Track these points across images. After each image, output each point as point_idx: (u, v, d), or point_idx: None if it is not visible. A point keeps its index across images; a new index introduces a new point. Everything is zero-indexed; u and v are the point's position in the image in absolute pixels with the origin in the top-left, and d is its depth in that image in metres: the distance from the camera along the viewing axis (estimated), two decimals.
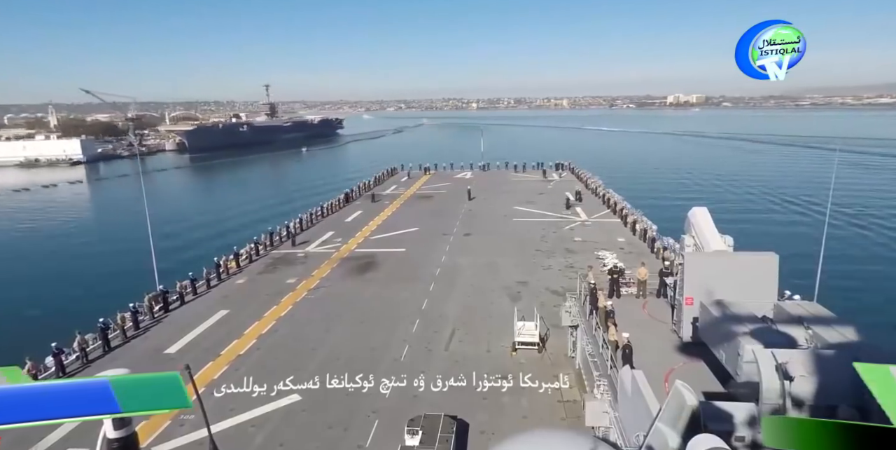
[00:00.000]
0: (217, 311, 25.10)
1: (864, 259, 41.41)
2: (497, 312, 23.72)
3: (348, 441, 15.22)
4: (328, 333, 22.21)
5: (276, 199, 71.25)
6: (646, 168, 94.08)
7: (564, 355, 20.37)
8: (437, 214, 43.94)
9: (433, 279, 28.56)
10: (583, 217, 41.45)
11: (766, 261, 14.88)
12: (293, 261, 32.76)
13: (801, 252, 29.67)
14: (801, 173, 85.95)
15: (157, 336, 22.98)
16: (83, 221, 66.44)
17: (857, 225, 51.29)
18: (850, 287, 33.09)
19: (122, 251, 46.62)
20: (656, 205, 50.64)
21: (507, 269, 29.76)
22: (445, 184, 59.11)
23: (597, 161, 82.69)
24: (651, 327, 17.60)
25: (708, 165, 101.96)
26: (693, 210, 17.83)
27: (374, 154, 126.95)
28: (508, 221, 41.19)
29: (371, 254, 33.43)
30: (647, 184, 75.01)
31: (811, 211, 55.09)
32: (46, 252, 50.58)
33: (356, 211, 46.11)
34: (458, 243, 35.57)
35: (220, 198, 79.86)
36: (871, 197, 64.81)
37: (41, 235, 58.08)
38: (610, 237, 35.25)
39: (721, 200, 61.63)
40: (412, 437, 13.92)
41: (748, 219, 53.17)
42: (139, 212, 31.41)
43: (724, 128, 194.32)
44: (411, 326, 22.80)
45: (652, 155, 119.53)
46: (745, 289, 14.07)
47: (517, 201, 48.03)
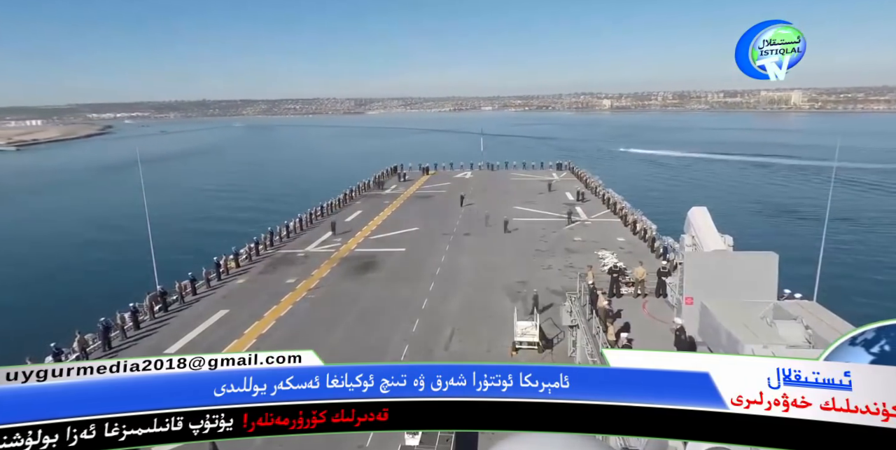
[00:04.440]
0: (217, 311, 25.10)
1: (865, 259, 41.42)
2: (497, 311, 23.72)
3: (348, 441, 15.22)
4: (328, 333, 22.23)
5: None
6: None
7: (565, 354, 20.40)
8: (437, 214, 43.95)
9: (433, 279, 28.57)
10: (583, 217, 41.45)
11: (766, 260, 14.89)
12: (293, 261, 32.76)
13: (801, 252, 29.69)
14: (801, 173, 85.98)
15: (156, 336, 22.99)
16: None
17: (858, 225, 51.30)
18: (850, 287, 33.11)
19: (122, 251, 46.69)
20: (656, 205, 50.69)
21: (506, 268, 29.75)
22: (446, 184, 59.12)
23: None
24: (651, 327, 17.62)
25: (708, 164, 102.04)
26: (693, 210, 17.84)
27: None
28: (508, 220, 41.16)
29: (371, 254, 33.44)
30: (648, 184, 75.14)
31: (811, 211, 55.05)
32: (46, 252, 50.59)
33: (356, 211, 46.17)
34: (458, 243, 35.57)
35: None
36: (872, 197, 64.86)
37: (43, 234, 58.13)
38: (610, 237, 35.24)
39: (721, 199, 61.61)
40: (412, 437, 13.93)
41: (748, 219, 53.23)
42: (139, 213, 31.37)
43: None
44: (411, 326, 22.80)
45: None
46: (745, 288, 14.10)
47: (517, 201, 48.06)
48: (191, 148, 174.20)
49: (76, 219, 66.63)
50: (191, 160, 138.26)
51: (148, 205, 29.68)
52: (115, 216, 63.73)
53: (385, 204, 48.99)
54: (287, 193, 77.21)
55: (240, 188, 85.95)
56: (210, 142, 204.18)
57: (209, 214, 65.87)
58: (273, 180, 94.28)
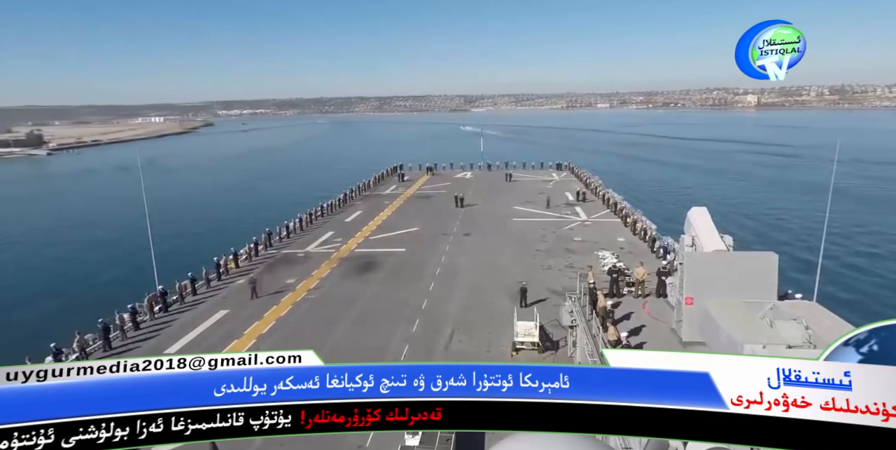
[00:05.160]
0: (217, 311, 25.10)
1: (865, 259, 41.42)
2: (497, 312, 23.72)
3: (348, 441, 15.22)
4: (328, 333, 22.23)
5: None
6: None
7: (565, 355, 20.38)
8: (437, 214, 43.96)
9: (433, 279, 28.57)
10: (583, 217, 41.45)
11: (766, 260, 14.91)
12: (293, 261, 32.76)
13: (801, 252, 29.72)
14: (802, 172, 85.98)
15: (156, 336, 22.98)
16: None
17: (858, 224, 51.29)
18: (850, 287, 33.13)
19: (122, 251, 46.70)
20: (656, 205, 50.71)
21: (507, 268, 29.75)
22: (446, 184, 59.11)
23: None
24: (651, 327, 17.63)
25: (708, 164, 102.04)
26: (693, 210, 17.85)
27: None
28: (508, 220, 41.20)
29: (371, 254, 33.44)
30: (648, 184, 75.14)
31: (811, 210, 55.07)
32: (46, 252, 50.60)
33: (356, 211, 46.17)
34: (458, 243, 35.57)
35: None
36: (872, 196, 64.86)
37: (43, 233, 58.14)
38: (610, 237, 35.24)
39: (721, 200, 61.63)
40: (412, 437, 13.94)
41: (748, 219, 53.26)
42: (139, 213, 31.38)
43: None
44: (411, 326, 22.80)
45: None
46: (745, 288, 14.10)
47: (517, 201, 48.08)
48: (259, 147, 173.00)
49: (75, 219, 66.65)
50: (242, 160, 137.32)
51: (158, 207, 29.69)
52: (115, 217, 63.78)
53: (385, 204, 48.97)
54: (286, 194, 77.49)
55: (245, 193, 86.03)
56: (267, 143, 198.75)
57: (209, 216, 65.91)
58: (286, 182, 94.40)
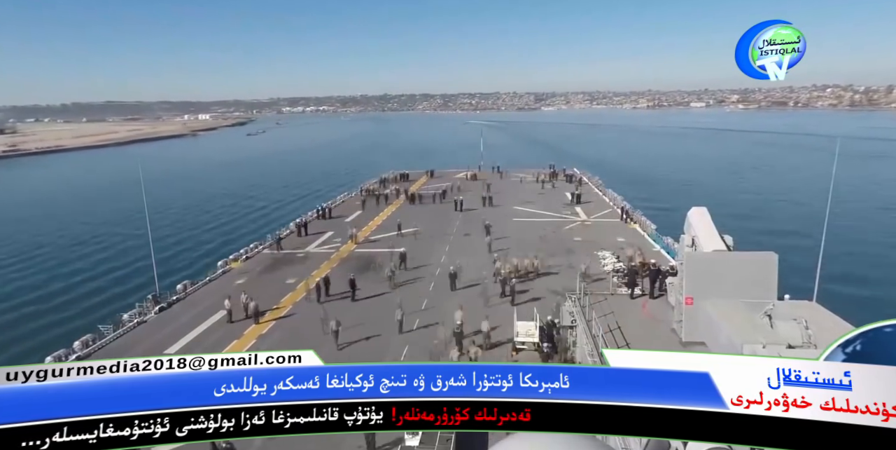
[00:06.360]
0: (217, 311, 25.09)
1: (865, 259, 41.40)
2: (497, 312, 23.69)
3: (348, 441, 15.21)
4: (328, 334, 22.21)
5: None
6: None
7: (565, 354, 20.36)
8: (437, 215, 43.92)
9: (433, 279, 28.54)
10: (583, 217, 41.44)
11: (766, 260, 14.88)
12: (293, 261, 32.74)
13: (801, 252, 29.71)
14: (801, 172, 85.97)
15: (157, 336, 22.97)
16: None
17: (858, 224, 51.28)
18: (850, 287, 33.10)
19: (122, 251, 46.70)
20: (656, 205, 50.71)
21: (506, 268, 29.64)
22: (446, 184, 59.06)
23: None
24: (651, 327, 17.61)
25: (709, 164, 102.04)
26: (692, 210, 17.82)
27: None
28: (508, 221, 41.17)
29: (371, 254, 33.40)
30: (648, 183, 75.11)
31: (811, 210, 55.08)
32: (45, 252, 50.57)
33: (356, 211, 46.15)
34: (458, 243, 35.54)
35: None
36: (872, 196, 64.85)
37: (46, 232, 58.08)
38: (610, 237, 35.22)
39: (721, 200, 61.58)
40: (412, 437, 13.93)
41: (748, 219, 53.19)
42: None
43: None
44: (411, 326, 22.79)
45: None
46: (745, 288, 14.09)
47: (517, 201, 48.06)
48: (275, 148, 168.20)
49: (76, 219, 66.60)
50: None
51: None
52: (116, 217, 63.77)
53: (385, 204, 48.97)
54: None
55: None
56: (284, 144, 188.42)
57: (211, 215, 65.89)
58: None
